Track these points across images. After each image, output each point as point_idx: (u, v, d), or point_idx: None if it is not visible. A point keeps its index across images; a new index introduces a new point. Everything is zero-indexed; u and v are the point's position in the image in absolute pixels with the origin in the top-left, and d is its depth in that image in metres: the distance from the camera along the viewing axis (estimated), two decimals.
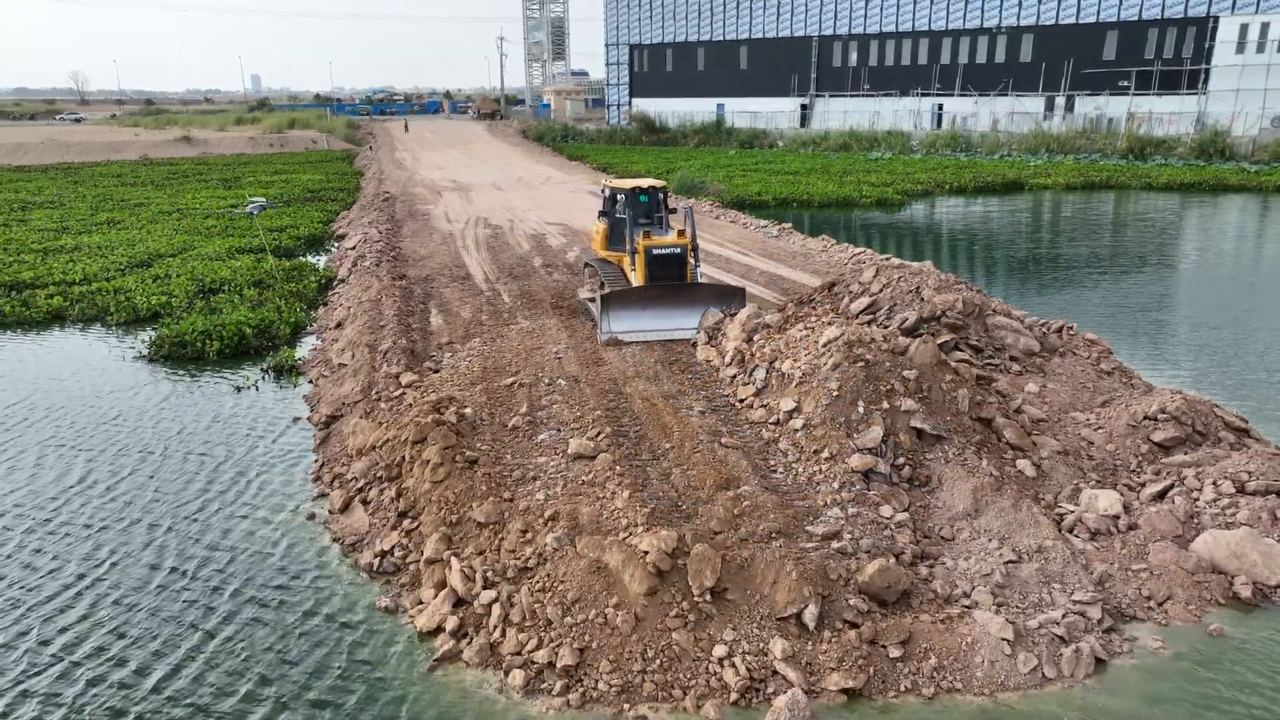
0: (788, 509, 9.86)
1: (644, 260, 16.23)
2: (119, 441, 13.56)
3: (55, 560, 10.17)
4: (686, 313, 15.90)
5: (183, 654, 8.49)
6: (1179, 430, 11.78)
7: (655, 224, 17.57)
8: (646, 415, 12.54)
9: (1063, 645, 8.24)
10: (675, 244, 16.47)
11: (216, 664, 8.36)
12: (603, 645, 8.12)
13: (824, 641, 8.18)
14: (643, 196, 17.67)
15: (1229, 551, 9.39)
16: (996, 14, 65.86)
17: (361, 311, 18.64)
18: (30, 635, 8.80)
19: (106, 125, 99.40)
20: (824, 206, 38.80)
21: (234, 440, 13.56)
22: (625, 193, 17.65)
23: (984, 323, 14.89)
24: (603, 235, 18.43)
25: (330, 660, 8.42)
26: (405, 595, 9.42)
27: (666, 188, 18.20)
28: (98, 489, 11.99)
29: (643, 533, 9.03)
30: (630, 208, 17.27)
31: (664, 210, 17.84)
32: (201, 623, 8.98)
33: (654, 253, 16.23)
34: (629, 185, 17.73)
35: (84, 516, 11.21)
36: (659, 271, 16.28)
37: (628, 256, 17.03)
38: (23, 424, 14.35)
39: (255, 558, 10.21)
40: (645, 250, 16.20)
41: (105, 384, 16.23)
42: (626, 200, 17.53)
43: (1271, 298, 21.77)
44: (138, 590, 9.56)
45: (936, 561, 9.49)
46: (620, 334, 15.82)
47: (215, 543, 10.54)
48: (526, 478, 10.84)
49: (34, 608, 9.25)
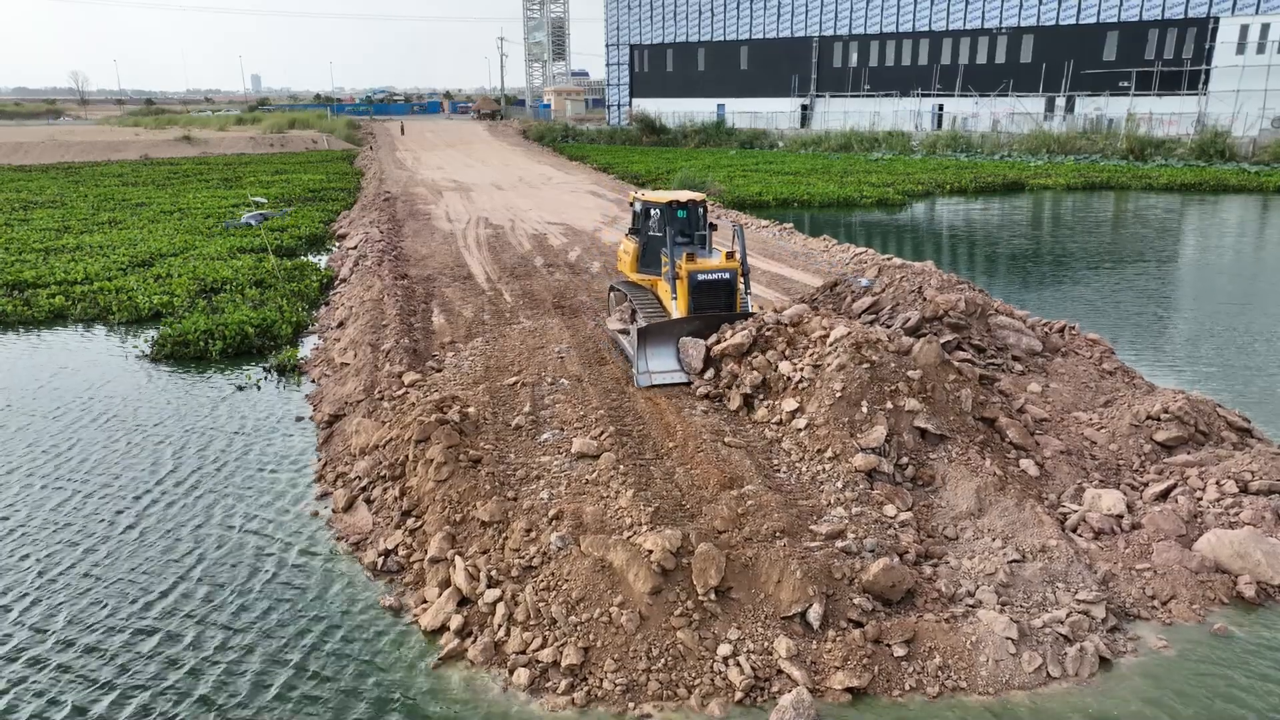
0: (791, 508, 9.87)
1: (687, 287, 14.14)
2: (120, 441, 13.55)
3: (53, 559, 10.17)
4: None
5: (184, 651, 8.49)
6: (1181, 430, 11.78)
7: (696, 243, 15.24)
8: (650, 414, 12.55)
9: (1067, 644, 8.25)
10: (724, 268, 14.30)
11: (219, 662, 8.36)
12: (607, 644, 8.12)
13: (828, 641, 8.18)
14: (681, 211, 15.40)
15: (1233, 551, 9.40)
16: (997, 15, 65.90)
17: (363, 311, 18.65)
18: (29, 632, 8.80)
19: (105, 125, 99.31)
20: (824, 207, 38.81)
21: (236, 439, 13.56)
22: (661, 207, 15.42)
23: (986, 323, 14.90)
24: (634, 256, 16.14)
25: (334, 659, 8.42)
26: (409, 594, 9.42)
27: (706, 201, 15.97)
28: (99, 490, 11.98)
29: (647, 532, 9.03)
30: (667, 224, 15.05)
31: (705, 227, 15.54)
32: (204, 621, 8.98)
33: (700, 278, 14.14)
34: (665, 198, 15.42)
35: (84, 517, 11.20)
36: (705, 301, 14.21)
37: (664, 281, 15.00)
38: (21, 425, 14.34)
39: (258, 557, 10.21)
40: (689, 276, 14.09)
41: (107, 383, 16.22)
42: (662, 216, 15.33)
43: (1273, 298, 21.78)
44: (139, 590, 9.56)
45: (940, 561, 9.50)
46: (660, 375, 13.48)
47: (217, 542, 10.53)
48: (530, 477, 10.84)
49: (30, 604, 9.26)
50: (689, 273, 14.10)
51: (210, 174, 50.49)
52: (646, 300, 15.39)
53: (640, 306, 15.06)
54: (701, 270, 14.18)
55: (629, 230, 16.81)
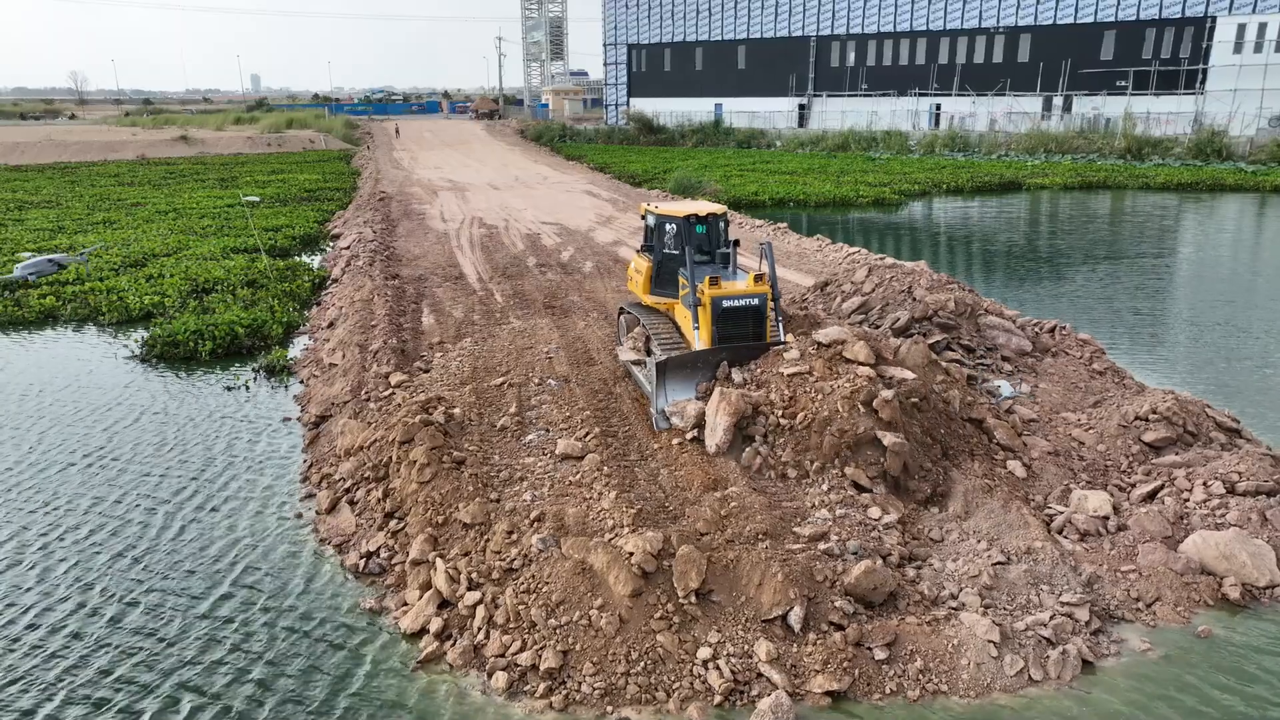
0: (775, 510, 9.81)
1: (710, 315, 12.39)
2: (107, 441, 13.50)
3: (22, 560, 10.12)
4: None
5: (163, 652, 8.44)
6: (1170, 431, 11.73)
7: (718, 262, 13.64)
8: (636, 415, 12.49)
9: (1050, 647, 8.20)
10: (752, 292, 12.60)
11: (198, 663, 8.31)
12: (586, 647, 8.07)
13: (809, 644, 8.13)
14: (699, 226, 13.72)
15: (1218, 553, 9.35)
16: (994, 14, 65.80)
17: (353, 311, 18.59)
18: (18, 632, 8.75)
19: (103, 125, 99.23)
20: (821, 206, 38.75)
21: (222, 440, 13.50)
22: (678, 222, 13.71)
23: (976, 322, 14.85)
24: (646, 276, 14.31)
25: (312, 662, 8.37)
26: (391, 596, 9.38)
27: (727, 215, 14.15)
28: (84, 489, 11.92)
29: (629, 534, 8.98)
30: (684, 242, 13.43)
31: (727, 243, 13.82)
32: (183, 622, 8.93)
33: (725, 305, 12.42)
34: (682, 212, 13.76)
35: (59, 519, 11.15)
36: (731, 329, 12.49)
37: (682, 306, 13.25)
38: (6, 426, 14.29)
39: (240, 558, 10.15)
40: (713, 302, 12.37)
41: (95, 383, 16.16)
42: (679, 231, 13.66)
43: (1267, 297, 21.72)
44: (121, 589, 9.50)
45: (924, 563, 9.44)
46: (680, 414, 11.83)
47: (199, 543, 10.48)
48: (514, 478, 10.79)
49: (22, 606, 9.20)
50: (712, 298, 12.38)
51: (207, 174, 50.44)
52: (662, 327, 13.71)
53: (656, 334, 13.48)
54: (727, 296, 12.47)
55: (640, 247, 14.98)
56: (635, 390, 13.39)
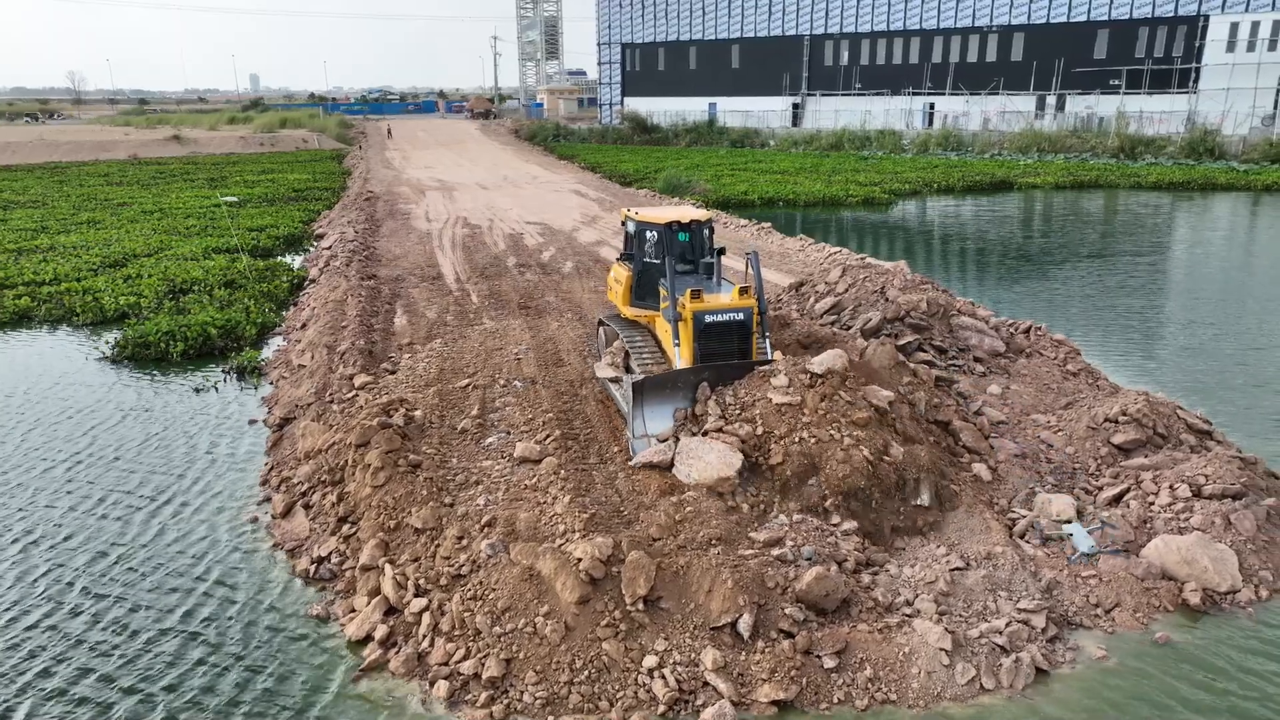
0: (732, 515, 9.65)
1: (692, 331, 11.66)
2: (69, 443, 13.34)
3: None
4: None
5: (105, 653, 8.28)
6: (1139, 433, 11.58)
7: (701, 272, 13.09)
8: (599, 418, 12.34)
9: (1003, 655, 8.04)
10: (736, 306, 11.86)
11: (138, 669, 8.15)
12: (530, 655, 7.91)
13: (757, 652, 7.97)
14: (682, 234, 12.93)
15: (1180, 558, 9.20)
16: (988, 13, 65.67)
17: (324, 312, 18.43)
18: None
19: (96, 125, 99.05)
20: (810, 206, 38.60)
21: (186, 442, 13.34)
22: (659, 229, 12.89)
23: (948, 323, 14.69)
24: (626, 286, 13.53)
25: (255, 669, 8.21)
26: (340, 603, 9.21)
27: (712, 221, 13.48)
28: (39, 489, 11.76)
29: (579, 539, 8.83)
30: (666, 250, 12.63)
31: (711, 253, 13.18)
32: (125, 626, 8.76)
33: (707, 320, 11.67)
34: (663, 218, 12.96)
35: (23, 516, 10.99)
36: (714, 346, 11.76)
37: (663, 319, 12.46)
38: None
39: (190, 564, 9.99)
40: (695, 316, 11.63)
41: (63, 385, 16.00)
42: (660, 239, 12.88)
43: (1256, 296, 21.56)
44: (60, 591, 9.35)
45: (881, 569, 9.28)
46: (660, 438, 10.98)
47: (152, 547, 10.32)
48: (469, 482, 10.64)
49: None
50: (694, 313, 11.61)
51: (197, 174, 50.26)
52: (642, 341, 13.03)
53: (635, 350, 12.78)
54: (709, 310, 11.73)
55: (620, 255, 14.26)
56: (601, 392, 13.23)
